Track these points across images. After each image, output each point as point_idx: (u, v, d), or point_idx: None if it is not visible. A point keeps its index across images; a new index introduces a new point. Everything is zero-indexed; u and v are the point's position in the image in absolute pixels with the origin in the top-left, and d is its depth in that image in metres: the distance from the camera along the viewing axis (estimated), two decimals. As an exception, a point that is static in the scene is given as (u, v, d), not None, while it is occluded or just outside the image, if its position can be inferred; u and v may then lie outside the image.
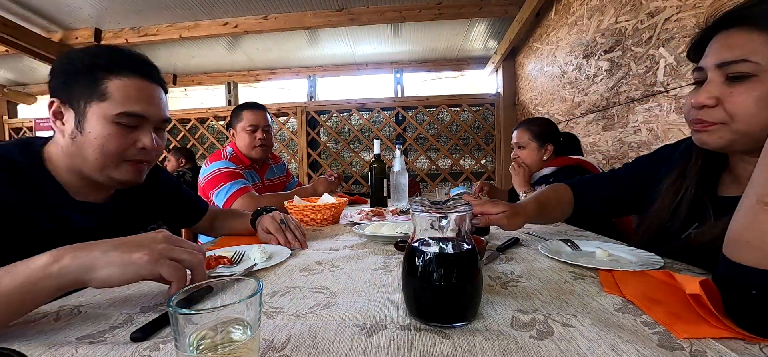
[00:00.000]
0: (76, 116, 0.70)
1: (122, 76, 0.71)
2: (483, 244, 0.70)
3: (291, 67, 4.22)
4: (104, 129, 0.70)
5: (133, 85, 0.72)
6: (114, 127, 0.70)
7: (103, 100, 0.70)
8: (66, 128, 0.71)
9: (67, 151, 0.72)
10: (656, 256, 0.67)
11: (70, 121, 0.71)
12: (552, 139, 1.62)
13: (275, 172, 1.92)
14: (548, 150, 1.61)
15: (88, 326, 0.46)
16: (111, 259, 0.46)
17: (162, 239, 0.50)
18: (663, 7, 1.41)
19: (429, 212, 0.46)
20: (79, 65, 0.70)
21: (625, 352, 0.37)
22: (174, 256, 0.49)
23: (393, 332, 0.43)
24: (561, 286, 0.56)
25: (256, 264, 0.71)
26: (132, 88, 0.72)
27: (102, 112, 0.69)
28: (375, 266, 0.70)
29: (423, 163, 3.85)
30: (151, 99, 0.75)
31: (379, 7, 2.87)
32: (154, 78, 0.77)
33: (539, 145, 1.62)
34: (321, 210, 1.21)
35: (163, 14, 2.91)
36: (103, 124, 0.70)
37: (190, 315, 0.31)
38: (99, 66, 0.70)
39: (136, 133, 0.73)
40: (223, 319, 0.33)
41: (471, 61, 4.05)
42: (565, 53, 2.36)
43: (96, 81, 0.70)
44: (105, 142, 0.70)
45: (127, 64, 0.73)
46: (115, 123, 0.70)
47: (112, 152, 0.71)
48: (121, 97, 0.70)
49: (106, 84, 0.70)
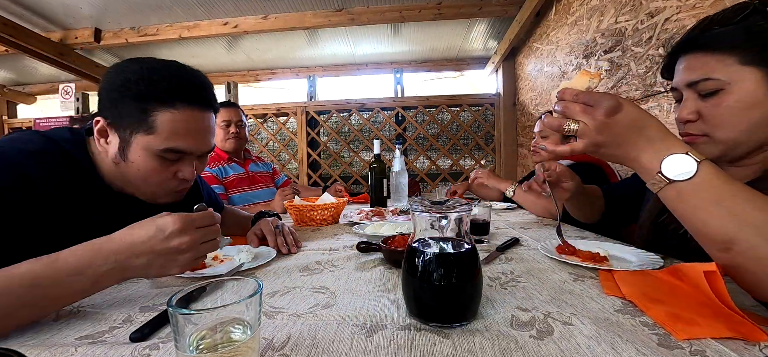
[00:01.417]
0: (120, 142, 0.68)
1: (174, 109, 0.68)
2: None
3: (291, 67, 4.21)
4: (147, 162, 0.69)
5: (182, 118, 0.69)
6: (157, 161, 0.70)
7: (150, 133, 0.67)
8: (110, 149, 0.70)
9: (111, 168, 0.71)
10: (656, 257, 0.67)
11: (114, 143, 0.69)
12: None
13: (260, 167, 2.04)
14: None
15: (88, 326, 0.46)
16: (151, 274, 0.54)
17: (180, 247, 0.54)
18: (663, 7, 1.41)
19: (429, 212, 0.46)
20: (134, 90, 0.67)
21: (624, 350, 0.37)
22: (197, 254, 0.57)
23: (393, 332, 0.43)
24: (561, 287, 0.56)
25: (242, 264, 0.72)
26: (181, 122, 0.69)
27: (147, 144, 0.68)
28: (375, 266, 0.70)
29: (423, 163, 3.85)
30: (198, 132, 0.72)
31: (379, 7, 2.87)
32: (209, 105, 0.74)
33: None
34: (321, 210, 1.21)
35: (163, 14, 2.91)
36: (147, 156, 0.69)
37: (190, 315, 0.31)
38: (153, 96, 0.67)
39: (178, 164, 0.73)
40: (222, 319, 0.33)
41: (471, 61, 4.05)
42: (564, 53, 2.36)
43: (146, 112, 0.67)
44: (147, 175, 0.70)
45: (184, 94, 0.69)
46: (158, 156, 0.69)
47: (154, 183, 0.72)
48: (168, 132, 0.68)
49: (156, 116, 0.67)
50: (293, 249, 0.85)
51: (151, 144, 0.68)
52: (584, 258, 0.68)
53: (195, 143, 0.72)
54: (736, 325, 0.39)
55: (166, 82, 0.68)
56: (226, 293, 0.37)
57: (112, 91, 0.68)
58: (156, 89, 0.67)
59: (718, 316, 0.41)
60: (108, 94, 0.68)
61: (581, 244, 0.78)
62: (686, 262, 0.53)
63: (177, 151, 0.70)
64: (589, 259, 0.67)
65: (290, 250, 0.85)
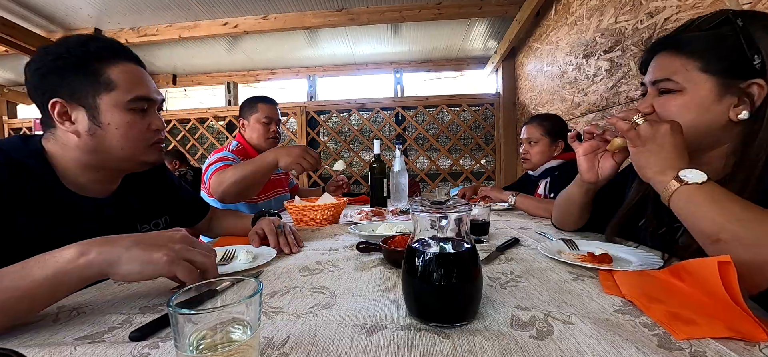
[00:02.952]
0: (87, 112, 0.69)
1: (118, 63, 0.71)
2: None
3: (291, 67, 4.22)
4: (122, 117, 0.70)
5: (131, 70, 0.72)
6: (130, 115, 0.71)
7: (111, 90, 0.69)
8: (79, 126, 0.69)
9: (85, 149, 0.70)
10: (656, 257, 0.67)
11: (81, 118, 0.69)
12: (563, 136, 1.61)
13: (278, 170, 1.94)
14: (559, 146, 1.60)
15: (87, 327, 0.46)
16: (133, 256, 0.48)
17: (179, 239, 0.53)
18: (663, 7, 1.41)
19: (429, 212, 0.46)
20: (72, 60, 0.68)
21: (624, 348, 0.38)
22: (189, 257, 0.52)
23: (393, 332, 0.43)
24: (560, 287, 0.56)
25: (240, 261, 0.72)
26: (132, 73, 0.72)
27: (114, 102, 0.69)
28: (375, 266, 0.70)
29: (423, 163, 3.85)
30: (148, 82, 0.76)
31: (378, 7, 2.87)
32: (140, 61, 0.77)
33: (551, 141, 1.61)
34: (321, 210, 1.21)
35: (162, 14, 2.91)
36: (120, 112, 0.70)
37: (190, 315, 0.31)
38: (93, 56, 0.69)
39: (147, 116, 0.75)
40: (222, 320, 0.33)
41: (471, 61, 4.05)
42: (564, 53, 2.36)
43: (96, 72, 0.69)
44: (127, 131, 0.71)
45: (117, 50, 0.72)
46: (129, 110, 0.71)
47: (136, 137, 0.73)
48: (127, 83, 0.70)
49: (107, 73, 0.69)
50: (294, 249, 0.85)
51: (119, 98, 0.70)
52: (584, 258, 0.68)
53: (151, 91, 0.75)
54: (736, 324, 0.39)
55: (97, 43, 0.70)
56: (226, 293, 0.37)
57: (50, 74, 0.68)
58: (91, 51, 0.69)
59: (717, 316, 0.42)
60: (46, 80, 0.69)
61: (581, 244, 0.78)
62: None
63: (143, 99, 0.73)
64: (588, 259, 0.67)
65: (291, 250, 0.85)
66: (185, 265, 0.50)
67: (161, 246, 0.50)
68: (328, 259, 0.75)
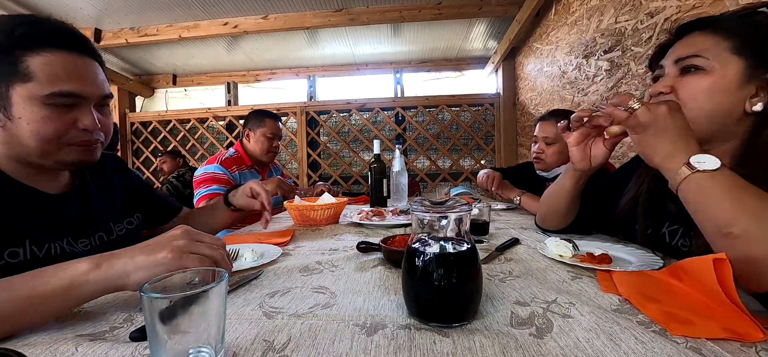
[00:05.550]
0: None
1: (46, 52, 0.63)
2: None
3: (291, 67, 4.22)
4: (36, 112, 0.63)
5: (59, 61, 0.64)
6: (47, 110, 0.63)
7: (28, 81, 0.62)
8: None
9: (2, 139, 0.65)
10: (656, 257, 0.67)
11: None
12: None
13: (273, 173, 2.06)
14: None
15: (88, 326, 0.47)
16: (139, 263, 0.49)
17: (181, 235, 0.53)
18: (663, 7, 1.41)
19: (429, 212, 0.46)
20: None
21: (623, 340, 0.38)
22: (195, 250, 0.52)
23: (393, 331, 0.43)
24: (559, 286, 0.57)
25: (245, 260, 0.73)
26: (58, 65, 0.64)
27: (28, 94, 0.62)
28: (375, 265, 0.70)
29: (423, 163, 3.86)
30: (83, 75, 0.67)
31: (378, 7, 2.87)
32: (85, 50, 0.69)
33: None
34: (321, 210, 1.21)
35: (162, 14, 2.91)
36: (33, 107, 0.63)
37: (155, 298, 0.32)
38: (17, 42, 0.62)
39: (74, 112, 0.67)
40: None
41: (471, 61, 4.05)
42: (564, 53, 2.36)
43: (15, 60, 0.62)
44: (39, 127, 0.63)
45: (49, 37, 0.64)
46: (47, 105, 0.63)
47: (51, 137, 0.65)
48: (47, 76, 0.63)
49: (27, 62, 0.62)
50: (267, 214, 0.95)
51: (34, 91, 0.62)
52: (583, 259, 0.68)
53: (84, 85, 0.67)
54: (733, 324, 0.40)
55: (24, 27, 0.64)
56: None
57: None
58: (17, 36, 0.63)
59: (714, 316, 0.42)
60: None
61: (581, 244, 0.78)
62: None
63: (66, 95, 0.65)
64: (588, 260, 0.67)
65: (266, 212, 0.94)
66: (193, 256, 0.51)
67: (164, 245, 0.51)
68: (328, 259, 0.76)
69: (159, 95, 4.56)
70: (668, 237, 0.73)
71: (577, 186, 0.86)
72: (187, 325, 0.33)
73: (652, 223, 0.77)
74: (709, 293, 0.45)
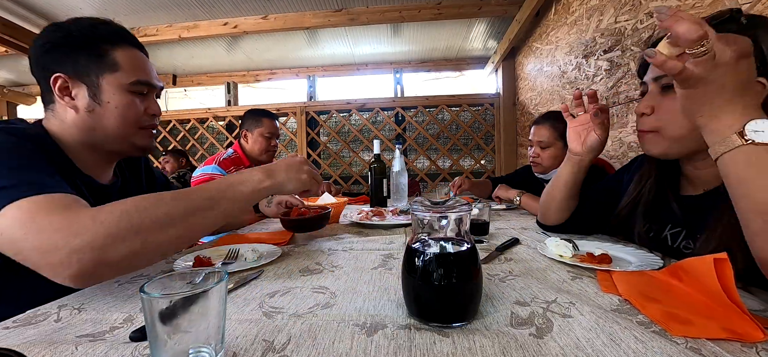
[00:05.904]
0: (89, 89, 0.71)
1: (124, 47, 0.74)
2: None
3: (290, 67, 4.22)
4: (122, 98, 0.73)
5: (135, 55, 0.76)
6: (130, 96, 0.74)
7: (115, 71, 0.72)
8: (78, 103, 0.71)
9: (82, 126, 0.72)
10: (656, 257, 0.67)
11: (81, 95, 0.71)
12: None
13: None
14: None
15: (88, 326, 0.47)
16: (291, 177, 0.74)
17: (303, 161, 0.79)
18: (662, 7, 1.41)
19: (429, 212, 0.46)
20: (80, 38, 0.71)
21: (623, 340, 0.38)
22: (314, 174, 0.79)
23: (393, 331, 0.43)
24: (559, 286, 0.57)
25: (245, 260, 0.74)
26: (136, 58, 0.76)
27: (117, 82, 0.72)
28: (375, 266, 0.70)
29: (423, 163, 3.86)
30: (151, 68, 0.79)
31: (378, 7, 2.87)
32: (143, 48, 0.80)
33: (565, 145, 1.53)
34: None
35: (162, 14, 2.91)
36: (121, 93, 0.73)
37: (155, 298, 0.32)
38: (101, 38, 0.72)
39: (146, 100, 0.78)
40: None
41: (471, 61, 4.05)
42: (564, 53, 2.36)
43: (103, 53, 0.71)
44: (125, 111, 0.74)
45: (123, 35, 0.76)
46: (130, 92, 0.74)
47: (132, 119, 0.75)
48: (130, 67, 0.74)
49: (113, 55, 0.72)
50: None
51: (121, 80, 0.73)
52: (583, 259, 0.68)
53: (152, 77, 0.79)
54: (733, 324, 0.40)
55: (105, 26, 0.74)
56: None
57: (55, 49, 0.71)
58: (101, 33, 0.73)
59: (714, 316, 0.42)
60: (51, 54, 0.71)
61: (581, 244, 0.78)
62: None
63: (144, 84, 0.76)
64: (588, 260, 0.67)
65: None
66: (314, 180, 0.78)
67: (301, 165, 0.77)
68: (328, 259, 0.76)
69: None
70: (670, 240, 0.73)
71: (573, 174, 0.87)
72: (187, 325, 0.33)
73: (654, 225, 0.77)
74: (710, 293, 0.45)
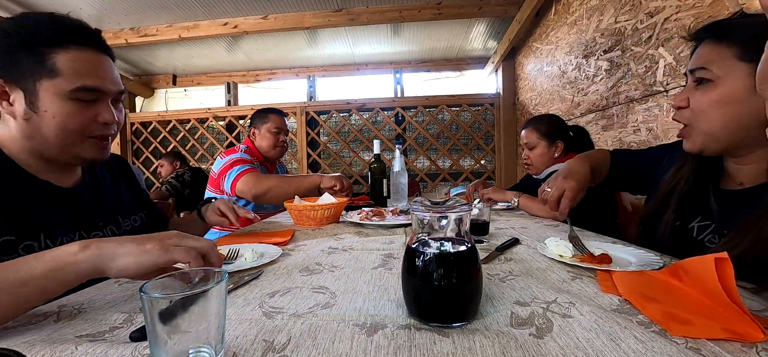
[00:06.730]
0: (26, 96, 0.65)
1: (70, 49, 0.67)
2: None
3: (290, 67, 4.22)
4: (62, 106, 0.66)
5: (82, 58, 0.68)
6: (72, 104, 0.67)
7: (54, 77, 0.65)
8: (16, 109, 0.66)
9: (24, 133, 0.67)
10: (656, 257, 0.67)
11: (19, 100, 0.66)
12: (561, 136, 1.57)
13: (279, 171, 2.11)
14: (559, 147, 1.56)
15: (88, 326, 0.46)
16: (127, 250, 0.49)
17: (173, 234, 0.53)
18: (662, 6, 1.41)
19: (429, 212, 0.46)
20: (16, 40, 0.64)
21: (623, 340, 0.38)
22: (184, 243, 0.52)
23: (393, 331, 0.43)
24: (559, 286, 0.57)
25: (245, 260, 0.73)
26: (82, 61, 0.68)
27: (55, 89, 0.65)
28: (375, 266, 0.70)
29: (423, 163, 3.86)
30: (104, 71, 0.71)
31: (378, 7, 2.87)
32: (102, 47, 0.73)
33: (549, 143, 1.57)
34: (321, 209, 1.21)
35: (162, 14, 2.91)
36: (60, 101, 0.66)
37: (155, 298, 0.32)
38: (42, 39, 0.65)
39: (95, 107, 0.70)
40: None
41: (471, 61, 4.05)
42: (564, 53, 2.36)
43: (41, 56, 0.64)
44: (65, 120, 0.66)
45: (72, 35, 0.68)
46: (71, 99, 0.66)
47: (75, 129, 0.68)
48: (73, 71, 0.66)
49: (54, 59, 0.65)
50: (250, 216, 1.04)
51: (60, 87, 0.65)
52: (583, 259, 0.68)
53: (104, 82, 0.70)
54: (733, 325, 0.40)
55: (49, 25, 0.66)
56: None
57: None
58: (42, 34, 0.65)
59: (714, 316, 0.42)
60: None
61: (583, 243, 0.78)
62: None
63: (90, 90, 0.68)
64: (588, 260, 0.67)
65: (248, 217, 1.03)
66: (181, 248, 0.51)
67: (154, 238, 0.51)
68: (329, 259, 0.76)
69: (159, 95, 4.56)
70: (696, 231, 0.72)
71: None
72: (187, 325, 0.33)
73: (682, 215, 0.76)
74: (710, 293, 0.45)
